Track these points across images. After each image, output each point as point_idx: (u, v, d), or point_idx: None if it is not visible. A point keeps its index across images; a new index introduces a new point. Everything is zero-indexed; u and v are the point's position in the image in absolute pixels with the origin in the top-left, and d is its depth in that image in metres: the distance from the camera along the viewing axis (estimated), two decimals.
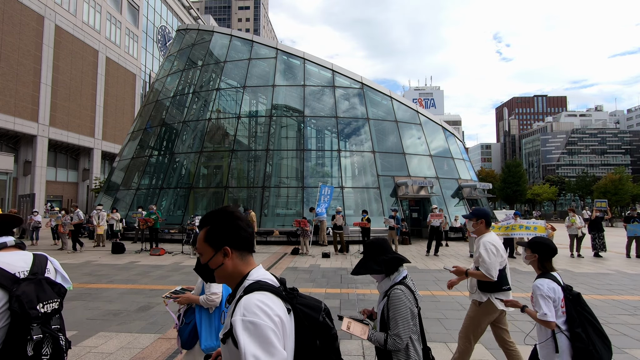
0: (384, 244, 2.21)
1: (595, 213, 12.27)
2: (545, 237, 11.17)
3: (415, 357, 2.04)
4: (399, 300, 1.99)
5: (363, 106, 18.98)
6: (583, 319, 2.34)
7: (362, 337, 2.09)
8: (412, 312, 2.01)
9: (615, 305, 6.12)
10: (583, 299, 2.45)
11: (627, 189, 54.33)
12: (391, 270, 2.12)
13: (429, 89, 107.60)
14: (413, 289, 2.12)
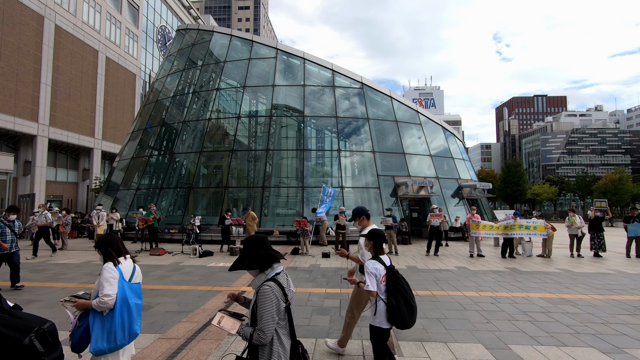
0: (263, 241, 2.29)
1: (595, 213, 12.26)
2: (546, 236, 11.18)
3: (280, 351, 2.09)
4: (266, 295, 2.05)
5: (363, 106, 18.99)
6: (396, 291, 3.16)
7: (231, 332, 2.15)
8: (278, 307, 2.07)
9: (615, 305, 6.11)
10: (400, 275, 3.29)
11: (627, 189, 54.33)
12: (264, 266, 2.19)
13: (429, 89, 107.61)
14: (285, 285, 2.18)
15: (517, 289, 7.24)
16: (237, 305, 2.88)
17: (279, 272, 2.23)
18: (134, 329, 2.52)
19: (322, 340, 4.42)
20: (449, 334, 4.68)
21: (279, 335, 2.10)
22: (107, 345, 2.43)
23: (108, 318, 2.49)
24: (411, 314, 3.13)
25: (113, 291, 2.47)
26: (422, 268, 9.51)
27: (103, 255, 2.61)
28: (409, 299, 3.19)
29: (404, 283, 3.29)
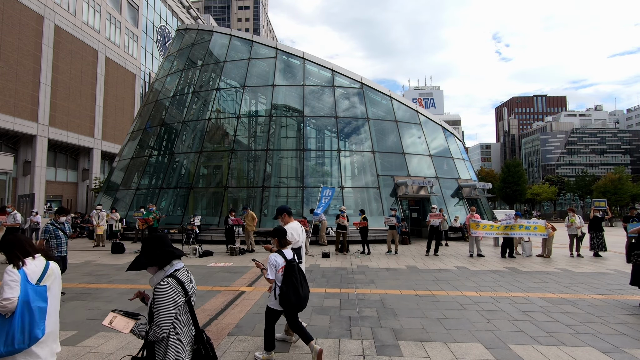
0: (162, 239, 2.34)
1: (594, 213, 12.27)
2: (546, 236, 11.19)
3: (177, 345, 2.13)
4: (162, 291, 2.09)
5: (363, 106, 18.99)
6: (289, 280, 3.71)
7: (124, 332, 2.19)
8: (175, 302, 2.11)
9: (615, 305, 6.12)
10: (297, 268, 3.82)
11: (627, 189, 54.37)
12: (162, 263, 2.23)
13: (428, 89, 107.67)
14: (184, 281, 2.22)
15: (517, 288, 7.24)
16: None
17: (179, 268, 2.27)
18: (35, 332, 2.47)
19: (321, 340, 4.42)
20: (448, 333, 4.68)
21: (176, 330, 2.14)
22: (4, 348, 2.39)
23: (8, 321, 2.46)
24: (299, 300, 3.74)
25: (13, 295, 2.43)
26: (422, 268, 9.51)
27: (7, 257, 2.56)
28: (298, 288, 3.76)
29: (298, 274, 3.82)
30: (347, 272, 8.89)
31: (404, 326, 4.94)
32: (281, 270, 3.76)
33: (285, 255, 3.82)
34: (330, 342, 4.37)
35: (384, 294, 6.69)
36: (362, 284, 7.55)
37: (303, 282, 3.85)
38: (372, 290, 7.03)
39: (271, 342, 3.87)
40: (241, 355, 4.01)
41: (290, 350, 4.14)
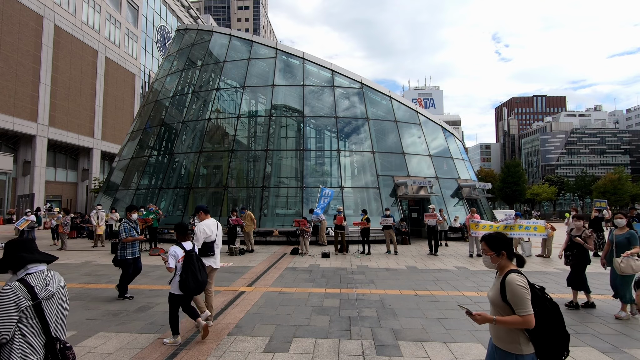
0: (20, 243, 2.33)
1: (595, 213, 12.28)
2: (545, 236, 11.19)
3: (23, 348, 2.11)
4: (2, 295, 2.08)
5: (362, 106, 18.99)
6: (187, 268, 4.25)
7: None
8: (18, 306, 2.08)
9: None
10: (195, 257, 4.39)
11: (627, 189, 54.43)
12: (15, 267, 2.22)
13: (428, 89, 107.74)
14: (35, 284, 2.18)
15: None
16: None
17: (33, 272, 2.24)
18: None
19: (321, 340, 4.42)
20: (448, 333, 4.68)
21: (24, 333, 2.12)
22: None
23: None
24: (197, 285, 4.28)
25: None
26: (422, 268, 9.51)
27: None
28: (197, 274, 4.29)
29: (197, 263, 4.37)
30: (347, 272, 8.89)
31: (403, 326, 4.94)
32: (181, 259, 4.29)
33: (185, 247, 4.38)
34: (330, 342, 4.37)
35: (383, 294, 6.69)
36: (362, 284, 7.54)
37: (202, 269, 4.41)
38: (371, 290, 7.03)
39: (176, 325, 4.32)
40: (241, 355, 4.01)
41: (290, 350, 4.14)
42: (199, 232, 4.94)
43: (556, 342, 2.21)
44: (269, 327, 4.92)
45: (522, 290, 2.19)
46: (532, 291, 2.26)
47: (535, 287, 2.32)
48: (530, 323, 2.17)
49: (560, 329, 2.24)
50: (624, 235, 5.57)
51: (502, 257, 2.35)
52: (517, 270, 2.31)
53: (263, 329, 4.85)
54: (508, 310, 2.23)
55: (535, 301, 2.25)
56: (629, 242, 5.46)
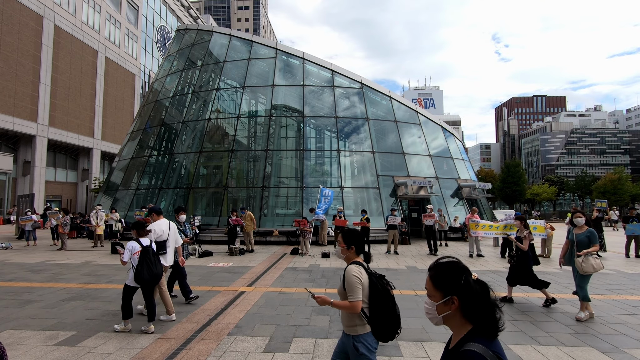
0: None
1: (595, 213, 12.27)
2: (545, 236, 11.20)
3: None
4: None
5: (362, 106, 18.99)
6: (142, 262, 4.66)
7: None
8: None
9: (615, 305, 6.12)
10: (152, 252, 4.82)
11: (626, 189, 54.39)
12: None
13: (428, 89, 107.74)
14: None
15: (517, 288, 7.24)
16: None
17: None
18: None
19: (321, 340, 4.42)
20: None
21: None
22: None
23: None
24: (151, 277, 4.71)
25: None
26: (422, 268, 9.51)
27: None
28: (152, 267, 4.71)
29: (153, 257, 4.79)
30: None
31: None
32: (137, 254, 4.71)
33: (142, 242, 4.81)
34: (330, 342, 4.37)
35: None
36: None
37: (157, 263, 4.86)
38: None
39: (128, 312, 4.70)
40: (241, 355, 4.01)
41: (290, 350, 4.14)
42: (154, 232, 5.28)
43: (389, 322, 2.39)
44: (269, 327, 4.92)
45: (355, 279, 2.41)
46: (370, 279, 2.46)
47: (374, 276, 2.49)
48: (356, 308, 2.39)
49: (391, 311, 2.40)
50: (584, 234, 5.56)
51: (350, 251, 2.58)
52: (359, 263, 2.52)
53: (263, 329, 4.85)
54: (346, 297, 2.45)
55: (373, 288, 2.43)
56: (589, 241, 5.45)
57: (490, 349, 1.24)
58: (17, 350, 4.14)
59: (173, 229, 5.61)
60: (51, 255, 11.72)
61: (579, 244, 5.49)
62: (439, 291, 1.40)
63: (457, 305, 1.35)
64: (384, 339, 2.41)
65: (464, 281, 1.34)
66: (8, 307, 5.83)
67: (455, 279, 1.36)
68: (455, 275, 1.37)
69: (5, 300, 6.25)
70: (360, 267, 2.48)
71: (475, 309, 1.31)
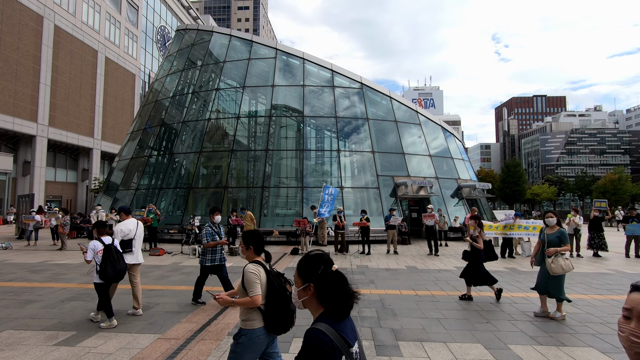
0: None
1: (595, 213, 12.27)
2: None
3: None
4: None
5: (362, 106, 18.99)
6: (106, 260, 4.85)
7: None
8: None
9: (615, 305, 6.12)
10: (115, 249, 5.00)
11: (627, 189, 54.36)
12: None
13: (428, 89, 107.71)
14: None
15: (517, 289, 7.25)
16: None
17: None
18: None
19: None
20: (448, 334, 4.68)
21: None
22: None
23: None
24: (116, 273, 4.91)
25: None
26: (422, 268, 9.51)
27: None
28: (115, 264, 4.92)
29: (116, 255, 5.01)
30: (347, 272, 8.88)
31: (403, 326, 4.94)
32: (100, 252, 4.89)
33: (104, 241, 4.99)
34: None
35: (383, 294, 6.69)
36: (362, 284, 7.54)
37: (121, 259, 5.05)
38: (371, 290, 7.03)
39: (109, 310, 4.87)
40: None
41: (290, 350, 4.14)
42: (117, 231, 5.50)
43: (283, 317, 2.53)
44: None
45: (252, 275, 2.56)
46: (268, 277, 2.62)
47: (272, 274, 2.64)
48: (257, 302, 2.53)
49: (285, 307, 2.54)
50: (554, 234, 5.57)
51: (249, 251, 2.74)
52: (258, 262, 2.68)
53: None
54: (246, 294, 2.58)
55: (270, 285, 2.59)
56: (560, 241, 5.45)
57: (335, 327, 1.41)
58: (17, 350, 4.14)
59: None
60: (51, 255, 11.72)
61: (550, 244, 5.50)
62: (300, 279, 1.59)
63: (313, 292, 1.53)
64: (278, 332, 2.60)
65: (322, 271, 1.53)
66: (8, 307, 5.83)
67: (314, 269, 1.55)
68: (314, 265, 1.56)
69: (5, 300, 6.25)
70: (257, 266, 2.63)
71: (328, 294, 1.49)
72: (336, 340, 1.37)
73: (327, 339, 1.36)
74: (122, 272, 5.03)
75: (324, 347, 1.33)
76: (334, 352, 1.35)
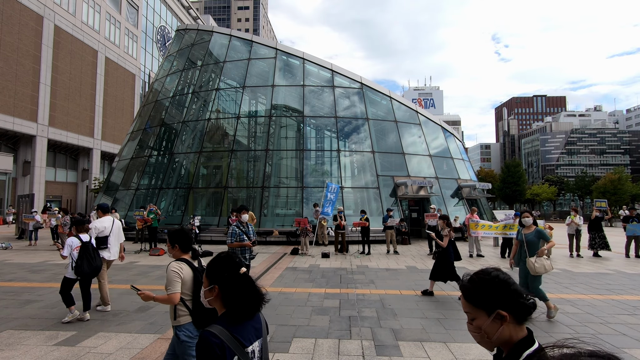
0: None
1: (595, 213, 12.27)
2: None
3: None
4: None
5: (362, 106, 18.99)
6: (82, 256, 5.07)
7: None
8: None
9: (615, 305, 6.12)
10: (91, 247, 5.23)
11: (627, 189, 54.35)
12: None
13: (428, 89, 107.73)
14: None
15: None
16: None
17: None
18: None
19: (321, 340, 4.42)
20: (448, 334, 4.67)
21: None
22: None
23: None
24: (91, 270, 5.13)
25: None
26: (422, 268, 9.51)
27: None
28: (91, 261, 5.13)
29: (92, 252, 5.21)
30: (347, 272, 8.88)
31: (403, 326, 4.94)
32: (76, 249, 5.09)
33: (81, 238, 5.19)
34: (330, 343, 4.37)
35: (383, 294, 6.69)
36: (362, 284, 7.54)
37: (97, 257, 5.27)
38: (371, 290, 7.03)
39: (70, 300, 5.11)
40: None
41: (290, 350, 4.14)
42: (92, 227, 5.69)
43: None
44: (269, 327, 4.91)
45: (173, 274, 2.60)
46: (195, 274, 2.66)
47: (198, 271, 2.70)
48: (174, 300, 2.56)
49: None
50: (532, 234, 5.60)
51: (175, 249, 2.77)
52: (183, 260, 2.72)
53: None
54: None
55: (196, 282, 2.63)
56: (538, 240, 5.49)
57: (230, 330, 1.46)
58: (17, 350, 4.14)
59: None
60: (51, 255, 11.72)
61: (528, 244, 5.54)
62: (207, 279, 1.66)
63: (217, 293, 1.59)
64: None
65: (227, 274, 1.59)
66: (8, 307, 5.83)
67: (220, 271, 1.61)
68: (221, 268, 1.62)
69: (5, 300, 6.25)
70: (181, 263, 2.68)
71: (230, 297, 1.55)
72: (228, 341, 1.43)
73: (217, 341, 1.41)
74: (98, 269, 5.24)
75: (214, 349, 1.39)
76: (224, 352, 1.40)
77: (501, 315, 1.13)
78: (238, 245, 5.73)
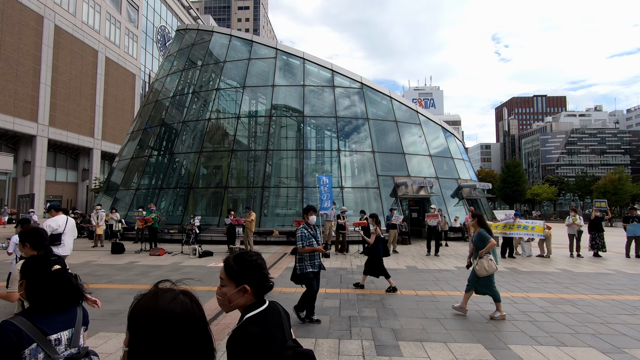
0: None
1: (595, 213, 12.26)
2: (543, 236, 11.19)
3: None
4: None
5: (363, 106, 18.99)
6: None
7: None
8: None
9: (615, 305, 6.12)
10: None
11: (627, 189, 54.35)
12: None
13: (428, 89, 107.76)
14: None
15: (517, 289, 7.24)
16: None
17: None
18: None
19: (321, 340, 4.42)
20: (448, 333, 4.67)
21: None
22: None
23: None
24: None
25: None
26: (422, 268, 9.51)
27: None
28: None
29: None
30: (347, 272, 8.88)
31: (403, 326, 4.94)
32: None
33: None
34: (330, 342, 4.37)
35: (383, 294, 6.69)
36: None
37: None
38: (372, 290, 7.03)
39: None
40: None
41: None
42: (46, 226, 5.76)
43: None
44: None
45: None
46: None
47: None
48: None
49: None
50: (475, 236, 5.68)
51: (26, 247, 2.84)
52: None
53: None
54: None
55: None
56: (481, 242, 5.51)
57: (32, 320, 1.59)
58: None
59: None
60: None
61: (475, 246, 5.63)
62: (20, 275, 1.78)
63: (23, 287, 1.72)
64: None
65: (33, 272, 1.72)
66: (8, 307, 5.83)
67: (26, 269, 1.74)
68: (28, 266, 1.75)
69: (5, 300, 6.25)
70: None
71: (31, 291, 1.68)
72: (28, 330, 1.55)
73: (14, 329, 1.55)
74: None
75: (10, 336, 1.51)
76: (21, 339, 1.53)
77: (245, 289, 1.44)
78: (310, 251, 5.13)
